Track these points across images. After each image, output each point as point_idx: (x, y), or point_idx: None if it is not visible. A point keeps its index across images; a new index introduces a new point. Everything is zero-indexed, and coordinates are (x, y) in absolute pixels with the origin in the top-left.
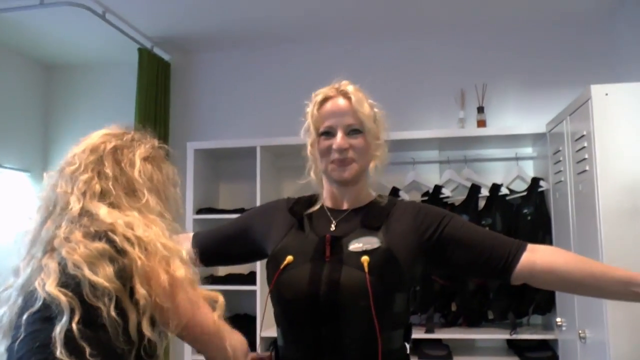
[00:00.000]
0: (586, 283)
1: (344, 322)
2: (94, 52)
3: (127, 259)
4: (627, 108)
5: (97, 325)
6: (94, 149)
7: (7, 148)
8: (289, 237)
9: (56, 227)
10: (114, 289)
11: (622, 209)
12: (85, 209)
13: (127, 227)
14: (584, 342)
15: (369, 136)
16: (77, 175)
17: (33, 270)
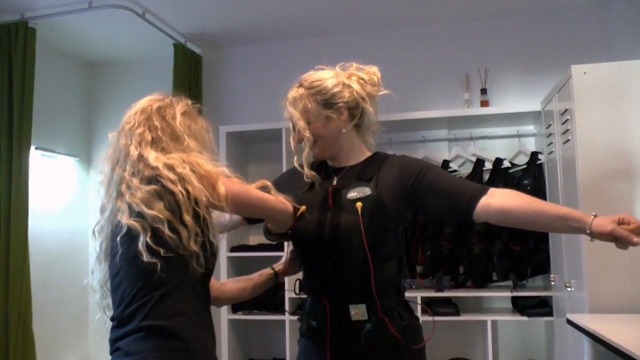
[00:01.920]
0: (531, 219)
1: (344, 255)
2: (133, 49)
3: (172, 194)
4: (603, 85)
5: (163, 239)
6: (143, 110)
7: (58, 136)
8: (304, 192)
9: (122, 171)
10: (165, 217)
11: (598, 172)
12: (140, 154)
13: (169, 169)
14: (570, 291)
15: (305, 130)
16: (134, 130)
17: (113, 207)
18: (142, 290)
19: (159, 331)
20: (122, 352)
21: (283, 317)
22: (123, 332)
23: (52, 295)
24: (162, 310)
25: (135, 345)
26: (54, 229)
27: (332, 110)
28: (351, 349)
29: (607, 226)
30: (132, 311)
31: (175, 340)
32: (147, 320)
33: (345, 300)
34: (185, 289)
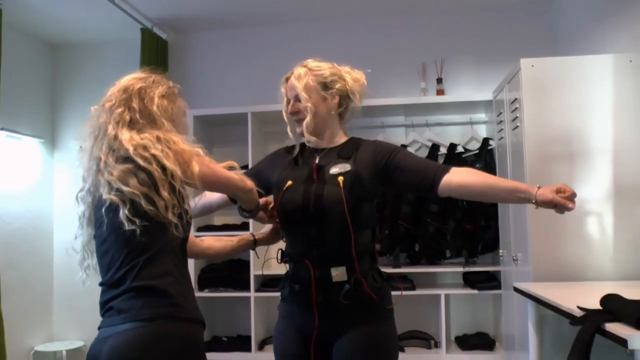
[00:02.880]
0: (486, 192)
1: (326, 223)
2: (99, 32)
3: (146, 172)
4: (548, 77)
5: (141, 211)
6: (125, 89)
7: (22, 118)
8: (288, 170)
9: (100, 148)
10: (141, 191)
11: (543, 156)
12: (116, 135)
13: (143, 149)
14: (517, 263)
15: (305, 101)
16: (114, 109)
17: (94, 180)
18: (129, 255)
19: (148, 290)
20: (114, 310)
21: (248, 294)
22: (115, 294)
23: (18, 275)
24: (150, 271)
25: (127, 303)
26: (19, 210)
27: (327, 92)
28: (332, 307)
29: (548, 195)
30: (122, 275)
31: (163, 297)
32: (137, 281)
33: (326, 263)
34: (168, 253)
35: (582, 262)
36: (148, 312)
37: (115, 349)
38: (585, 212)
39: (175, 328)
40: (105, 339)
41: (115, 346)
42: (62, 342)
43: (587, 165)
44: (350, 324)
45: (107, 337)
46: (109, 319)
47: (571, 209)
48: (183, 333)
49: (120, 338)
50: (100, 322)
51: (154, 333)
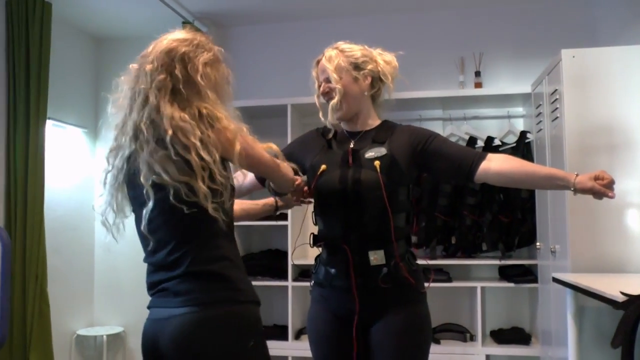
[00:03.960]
0: (524, 179)
1: (364, 208)
2: (140, 25)
3: (184, 159)
4: (589, 68)
5: (187, 195)
6: (168, 52)
7: (67, 108)
8: (322, 154)
9: (141, 116)
10: (181, 181)
11: (583, 148)
12: (158, 105)
13: (182, 135)
14: (555, 255)
15: (335, 82)
16: (155, 75)
17: (130, 146)
18: (182, 239)
19: (207, 274)
20: (169, 292)
21: (286, 282)
22: (169, 276)
23: (62, 261)
24: (206, 256)
25: (185, 286)
26: (63, 198)
27: (359, 73)
28: (369, 291)
29: (587, 183)
30: (176, 258)
31: (223, 281)
32: (194, 266)
33: (364, 247)
34: (220, 236)
35: (622, 254)
36: (210, 296)
37: (180, 332)
38: (626, 204)
39: (238, 311)
40: (166, 320)
41: (180, 329)
42: (102, 327)
43: (628, 157)
44: (387, 306)
45: (167, 318)
46: (164, 300)
47: (611, 197)
48: (245, 315)
49: (183, 321)
50: (152, 302)
51: (219, 317)
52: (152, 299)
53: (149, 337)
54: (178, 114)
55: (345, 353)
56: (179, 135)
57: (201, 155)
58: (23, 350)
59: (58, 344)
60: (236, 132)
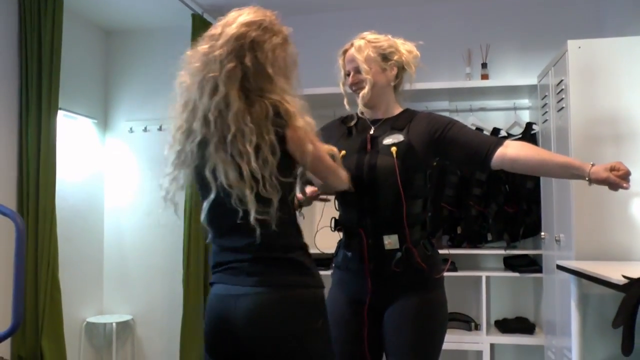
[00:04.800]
0: (540, 167)
1: (380, 193)
2: (149, 18)
3: (239, 165)
4: (596, 59)
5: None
6: (238, 38)
7: (77, 99)
8: (342, 140)
9: (209, 104)
10: (240, 187)
11: (589, 138)
12: (227, 97)
13: (241, 137)
14: (559, 244)
15: (365, 73)
16: (224, 63)
17: (201, 131)
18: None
19: (284, 260)
20: (242, 271)
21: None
22: (242, 258)
23: (73, 249)
24: (281, 243)
25: (260, 267)
26: (74, 187)
27: (387, 64)
28: (383, 274)
29: (602, 173)
30: (249, 243)
31: (300, 267)
32: (269, 252)
33: (379, 232)
34: (294, 226)
35: (626, 243)
36: (287, 279)
37: (257, 309)
38: (631, 194)
39: (309, 294)
40: (239, 297)
41: (257, 306)
42: (111, 315)
43: (633, 147)
44: (401, 291)
45: (241, 295)
46: (236, 278)
47: (626, 188)
48: (315, 298)
49: (261, 299)
50: (218, 278)
51: (293, 297)
52: (217, 275)
53: (218, 311)
54: (245, 111)
55: (360, 335)
56: (238, 139)
57: (253, 165)
58: (35, 336)
59: (68, 331)
60: (307, 132)
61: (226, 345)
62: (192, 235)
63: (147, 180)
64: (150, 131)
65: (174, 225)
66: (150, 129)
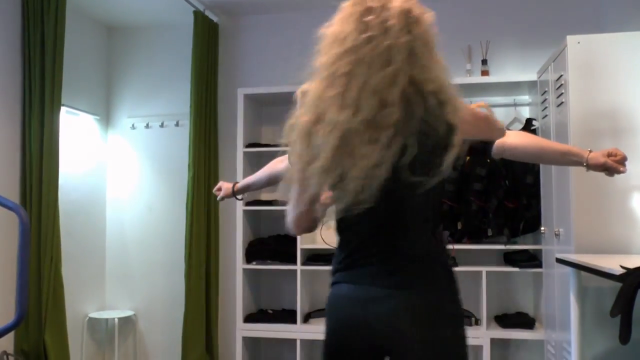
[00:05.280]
0: (539, 154)
1: None
2: (151, 15)
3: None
4: (595, 54)
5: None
6: (406, 13)
7: (79, 95)
8: None
9: (384, 85)
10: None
11: (588, 132)
12: (411, 71)
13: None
14: (559, 238)
15: None
16: (400, 35)
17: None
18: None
19: (436, 263)
20: (383, 272)
21: (295, 267)
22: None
23: (75, 244)
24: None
25: (408, 269)
26: (77, 182)
27: None
28: None
29: (600, 159)
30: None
31: (448, 272)
32: (423, 252)
33: None
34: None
35: (625, 237)
36: (444, 282)
37: (417, 312)
38: (630, 187)
39: (459, 299)
40: (382, 298)
41: (421, 309)
42: (114, 311)
43: (632, 142)
44: None
45: (384, 296)
46: (375, 280)
47: (622, 172)
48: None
49: (424, 302)
50: (349, 277)
51: (448, 301)
52: (348, 274)
53: (354, 311)
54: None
55: None
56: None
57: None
58: (38, 330)
59: (70, 326)
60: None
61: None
62: (194, 230)
63: (149, 176)
64: (152, 127)
65: (175, 221)
66: (152, 126)
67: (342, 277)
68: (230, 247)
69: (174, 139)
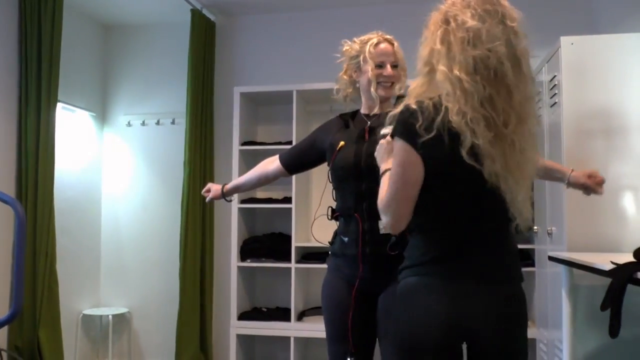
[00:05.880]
0: None
1: (376, 179)
2: (148, 13)
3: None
4: (588, 55)
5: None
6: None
7: (75, 91)
8: (340, 133)
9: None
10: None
11: (580, 132)
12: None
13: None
14: (551, 237)
15: (401, 70)
16: (504, 19)
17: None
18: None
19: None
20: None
21: (289, 264)
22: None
23: (70, 241)
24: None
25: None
26: (72, 179)
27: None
28: (378, 259)
29: (580, 179)
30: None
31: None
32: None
33: (375, 216)
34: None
35: (616, 235)
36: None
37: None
38: (621, 187)
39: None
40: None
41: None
42: (108, 308)
43: (624, 142)
44: (395, 275)
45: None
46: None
47: (599, 194)
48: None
49: (522, 296)
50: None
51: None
52: (440, 267)
53: (448, 305)
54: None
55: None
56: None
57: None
58: (33, 326)
59: (65, 323)
60: None
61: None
62: (189, 228)
63: (144, 174)
64: (148, 125)
65: (170, 219)
66: (148, 123)
67: (431, 270)
68: (225, 245)
69: (170, 137)
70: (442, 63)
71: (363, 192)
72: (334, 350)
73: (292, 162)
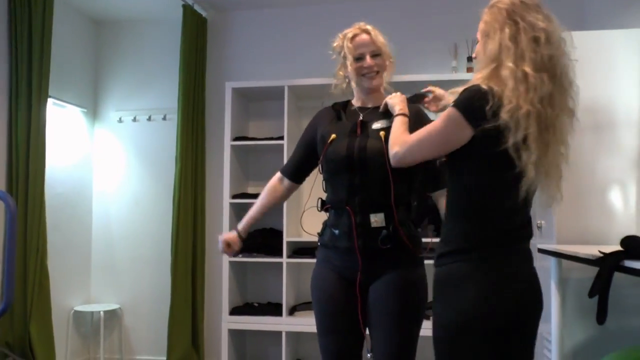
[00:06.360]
0: None
1: (368, 173)
2: (139, 9)
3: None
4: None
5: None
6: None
7: (66, 87)
8: (332, 125)
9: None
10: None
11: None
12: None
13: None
14: (541, 230)
15: (385, 57)
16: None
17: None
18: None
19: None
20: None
21: (281, 259)
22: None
23: (61, 238)
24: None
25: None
26: (63, 175)
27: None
28: (370, 251)
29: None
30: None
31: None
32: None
33: (366, 210)
34: None
35: (605, 228)
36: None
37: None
38: (609, 180)
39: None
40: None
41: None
42: (99, 304)
43: (611, 136)
44: (386, 267)
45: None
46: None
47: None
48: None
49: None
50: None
51: None
52: (495, 251)
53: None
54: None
55: (347, 310)
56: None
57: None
58: (24, 321)
59: (56, 319)
60: None
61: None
62: (181, 224)
63: (136, 170)
64: (140, 121)
65: (162, 214)
66: (140, 119)
67: (483, 255)
68: (217, 240)
69: (161, 133)
70: (510, 59)
71: (355, 186)
72: (324, 343)
73: (297, 172)
